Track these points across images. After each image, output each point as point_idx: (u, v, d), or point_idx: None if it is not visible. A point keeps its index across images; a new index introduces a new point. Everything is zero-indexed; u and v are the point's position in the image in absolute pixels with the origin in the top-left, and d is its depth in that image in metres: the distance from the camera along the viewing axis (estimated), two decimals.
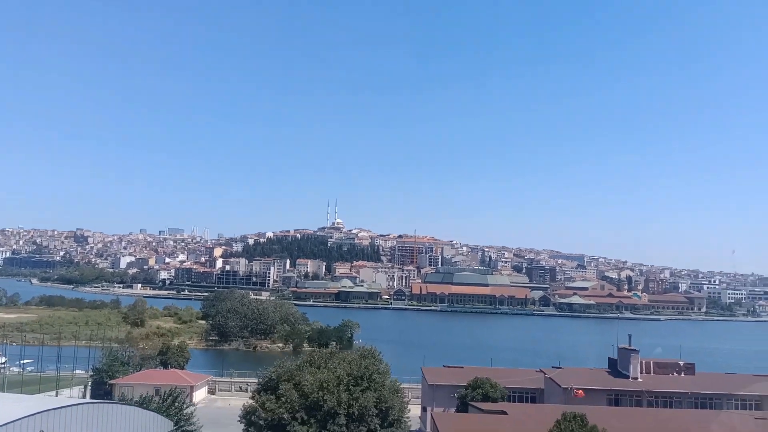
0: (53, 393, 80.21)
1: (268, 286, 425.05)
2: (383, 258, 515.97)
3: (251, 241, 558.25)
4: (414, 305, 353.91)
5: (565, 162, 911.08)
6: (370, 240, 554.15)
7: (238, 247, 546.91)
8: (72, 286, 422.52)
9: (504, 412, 44.39)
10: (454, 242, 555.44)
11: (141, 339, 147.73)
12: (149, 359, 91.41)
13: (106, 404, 34.85)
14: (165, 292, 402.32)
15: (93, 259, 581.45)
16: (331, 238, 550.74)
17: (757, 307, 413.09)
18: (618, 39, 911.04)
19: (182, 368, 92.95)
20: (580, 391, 58.88)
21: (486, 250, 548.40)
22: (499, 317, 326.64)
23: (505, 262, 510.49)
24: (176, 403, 55.60)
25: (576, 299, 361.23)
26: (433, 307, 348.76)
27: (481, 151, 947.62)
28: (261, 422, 32.54)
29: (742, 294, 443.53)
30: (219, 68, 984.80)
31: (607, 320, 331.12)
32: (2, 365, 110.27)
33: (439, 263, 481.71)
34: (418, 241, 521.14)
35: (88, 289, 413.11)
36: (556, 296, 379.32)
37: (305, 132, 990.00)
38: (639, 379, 62.66)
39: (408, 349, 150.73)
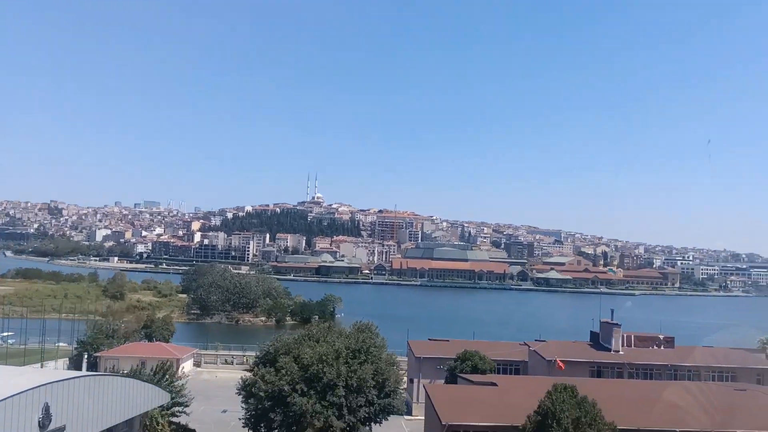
0: (38, 365, 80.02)
1: (248, 261, 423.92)
2: (363, 233, 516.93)
3: (230, 215, 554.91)
4: (394, 280, 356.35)
5: (542, 138, 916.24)
6: (350, 215, 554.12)
7: (216, 221, 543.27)
8: (47, 259, 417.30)
9: (494, 384, 45.44)
10: (434, 218, 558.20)
11: (123, 312, 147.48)
12: (134, 332, 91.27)
13: (107, 377, 35.03)
14: (143, 266, 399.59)
15: (68, 232, 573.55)
16: (311, 212, 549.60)
17: (728, 282, 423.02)
18: (595, 15, 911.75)
19: (167, 341, 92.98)
20: (563, 363, 60.47)
21: (466, 225, 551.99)
22: (479, 292, 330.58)
23: (484, 237, 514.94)
24: (167, 376, 55.99)
25: (553, 274, 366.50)
26: (413, 282, 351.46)
27: (462, 126, 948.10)
28: (261, 394, 33.02)
29: (714, 270, 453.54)
30: (193, 40, 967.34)
31: (584, 294, 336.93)
32: None
33: (419, 238, 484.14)
34: (399, 216, 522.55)
35: (64, 262, 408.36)
36: (534, 271, 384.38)
37: (284, 105, 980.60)
38: (621, 352, 64.35)
39: (391, 323, 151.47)
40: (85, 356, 73.89)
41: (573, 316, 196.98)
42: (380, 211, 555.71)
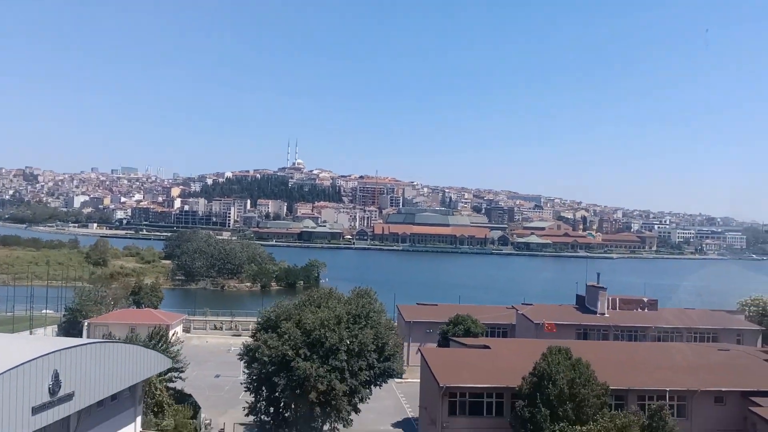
0: (27, 332, 79.92)
1: (229, 227, 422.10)
2: (345, 199, 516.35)
3: (210, 181, 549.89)
4: (376, 245, 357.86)
5: (521, 104, 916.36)
6: (331, 181, 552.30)
7: (196, 187, 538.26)
8: (25, 226, 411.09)
9: (487, 347, 46.54)
10: (415, 183, 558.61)
11: (108, 278, 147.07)
12: (122, 299, 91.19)
13: (114, 343, 35.33)
14: (123, 232, 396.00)
15: (44, 198, 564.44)
16: (291, 178, 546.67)
17: (704, 245, 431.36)
18: None
19: (155, 308, 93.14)
20: (551, 326, 61.95)
21: (447, 191, 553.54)
22: (460, 256, 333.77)
23: (465, 202, 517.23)
24: (162, 342, 56.40)
25: (533, 239, 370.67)
26: (395, 247, 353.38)
27: (443, 92, 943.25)
28: (265, 359, 33.57)
29: (690, 233, 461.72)
30: (170, 2, 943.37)
31: (564, 258, 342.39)
32: None
33: (401, 204, 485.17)
34: (380, 182, 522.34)
35: (42, 228, 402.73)
36: (515, 236, 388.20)
37: (262, 69, 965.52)
38: (606, 315, 66.03)
39: (375, 288, 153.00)
40: (86, 324, 73.84)
41: (554, 280, 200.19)
42: (361, 177, 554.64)
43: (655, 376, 41.08)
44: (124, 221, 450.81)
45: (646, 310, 69.49)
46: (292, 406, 34.15)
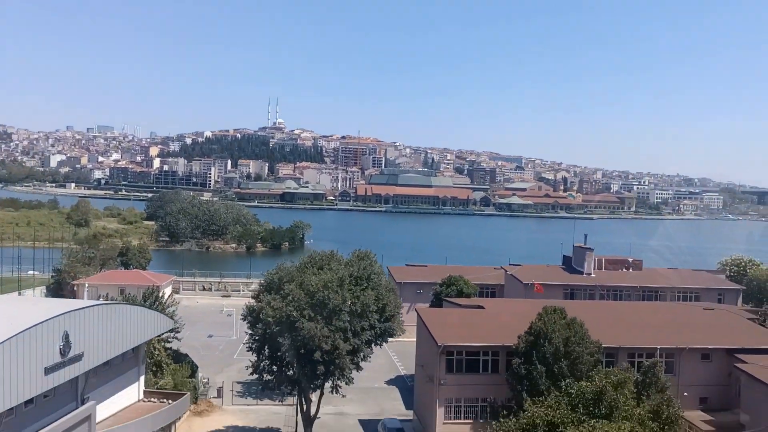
0: (15, 293, 79.67)
1: (209, 187, 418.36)
2: (327, 159, 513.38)
3: (189, 141, 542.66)
4: (359, 206, 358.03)
5: (501, 65, 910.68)
6: (312, 141, 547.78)
7: (175, 147, 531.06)
8: (0, 186, 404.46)
9: (481, 307, 47.58)
10: (398, 144, 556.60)
11: (93, 239, 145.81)
12: (110, 260, 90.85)
13: (119, 305, 35.62)
14: (102, 192, 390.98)
15: (19, 158, 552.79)
16: (272, 138, 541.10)
17: (681, 206, 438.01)
18: None
19: (144, 269, 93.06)
20: (540, 286, 63.25)
21: (429, 152, 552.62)
22: (443, 217, 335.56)
23: (447, 163, 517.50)
24: (158, 303, 56.73)
25: (515, 200, 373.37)
26: (378, 208, 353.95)
27: (423, 51, 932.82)
28: (269, 319, 34.12)
29: (668, 194, 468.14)
30: None
31: (545, 219, 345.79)
32: None
33: (383, 165, 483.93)
34: (362, 143, 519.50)
35: (18, 188, 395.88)
36: (496, 197, 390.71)
37: (241, 26, 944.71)
38: (592, 275, 67.53)
39: (374, 251, 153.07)
40: (86, 286, 73.67)
41: (537, 241, 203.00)
42: (343, 137, 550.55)
43: (645, 335, 42.51)
44: (103, 181, 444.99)
45: (631, 270, 71.17)
46: (296, 365, 34.87)
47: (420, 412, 44.60)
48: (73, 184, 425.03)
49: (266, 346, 35.93)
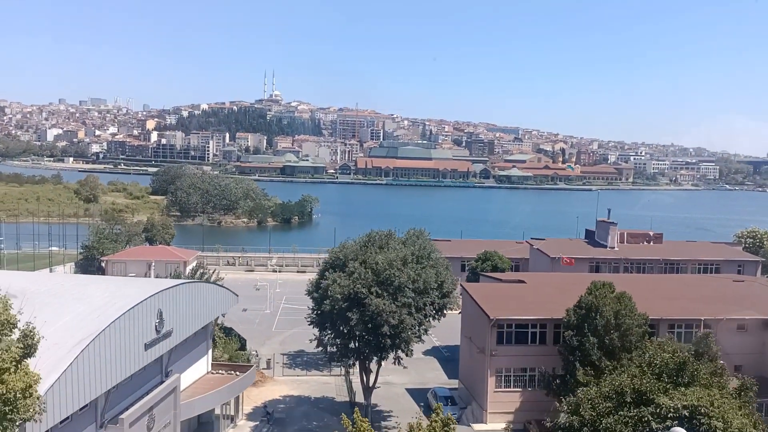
0: (47, 270, 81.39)
1: (208, 161, 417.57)
2: (324, 132, 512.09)
3: (185, 114, 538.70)
4: (360, 179, 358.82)
5: (497, 35, 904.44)
6: (310, 113, 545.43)
7: (171, 120, 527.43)
8: None
9: (522, 281, 49.54)
10: (395, 116, 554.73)
11: (103, 214, 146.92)
12: (135, 236, 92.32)
13: (198, 283, 37.37)
14: (101, 166, 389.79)
15: (13, 131, 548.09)
16: (269, 111, 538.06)
17: (678, 176, 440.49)
18: None
19: (168, 244, 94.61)
20: (570, 260, 65.34)
21: (427, 123, 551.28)
22: (443, 190, 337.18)
23: (446, 135, 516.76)
24: (204, 278, 58.60)
25: (515, 172, 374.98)
26: (378, 181, 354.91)
27: (418, 22, 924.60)
28: (337, 296, 35.94)
29: (665, 164, 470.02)
30: None
31: (545, 191, 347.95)
32: None
33: (381, 137, 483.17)
34: (360, 115, 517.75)
35: (16, 163, 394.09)
36: (496, 169, 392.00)
37: None
38: (616, 248, 69.65)
39: (372, 223, 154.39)
40: (153, 264, 75.51)
41: (544, 212, 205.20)
42: (340, 110, 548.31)
43: (683, 306, 44.68)
44: (101, 155, 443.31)
45: (651, 243, 73.35)
46: (365, 339, 36.85)
47: (467, 381, 46.85)
48: (71, 159, 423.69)
49: (335, 321, 37.71)
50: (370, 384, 41.26)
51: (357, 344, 38.47)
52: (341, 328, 37.67)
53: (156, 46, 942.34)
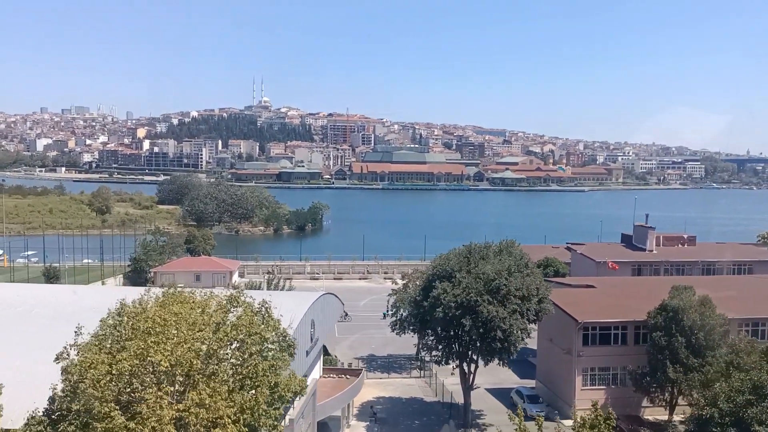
0: (99, 282, 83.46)
1: (202, 168, 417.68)
2: (315, 137, 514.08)
3: (175, 121, 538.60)
4: (356, 184, 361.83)
5: (479, 37, 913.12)
6: (300, 119, 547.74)
7: (162, 128, 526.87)
8: None
9: (592, 286, 53.01)
10: (385, 120, 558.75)
11: (120, 225, 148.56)
12: (177, 247, 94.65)
13: (329, 295, 40.23)
14: (96, 176, 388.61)
15: None
16: (260, 117, 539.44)
17: (666, 176, 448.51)
18: None
19: (208, 255, 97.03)
20: (615, 264, 68.96)
21: (416, 127, 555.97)
22: (439, 193, 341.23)
23: (436, 139, 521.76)
24: (278, 286, 61.48)
25: (508, 174, 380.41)
26: (375, 186, 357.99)
27: (402, 25, 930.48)
28: (451, 304, 39.14)
29: (652, 164, 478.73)
30: None
31: (538, 193, 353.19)
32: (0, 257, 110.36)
33: (372, 142, 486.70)
34: (350, 120, 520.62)
35: (9, 174, 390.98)
36: (489, 171, 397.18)
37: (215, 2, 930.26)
38: (654, 251, 73.38)
39: (381, 228, 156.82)
40: (200, 275, 77.90)
41: (549, 215, 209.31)
42: (330, 115, 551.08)
43: (748, 306, 48.38)
44: (93, 164, 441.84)
45: (686, 246, 77.20)
46: (475, 342, 40.04)
47: (549, 381, 50.23)
48: (63, 169, 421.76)
49: (445, 327, 40.89)
50: (471, 384, 44.45)
51: (462, 348, 41.68)
52: (451, 333, 40.85)
53: (139, 53, 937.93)
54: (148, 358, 18.44)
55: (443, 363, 43.65)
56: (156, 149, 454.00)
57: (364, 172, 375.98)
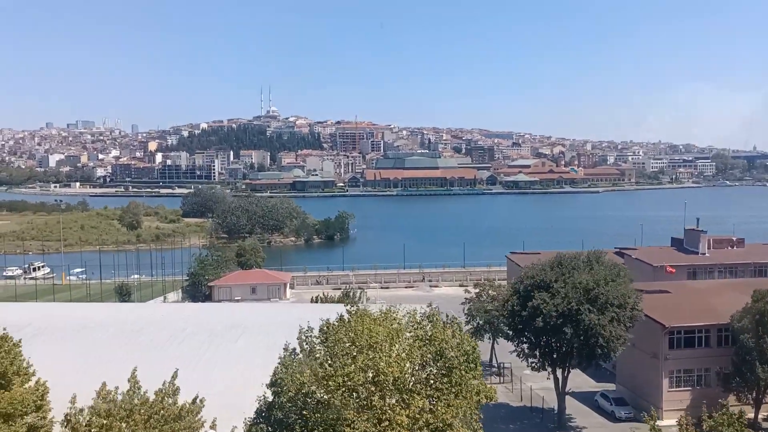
0: (161, 298, 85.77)
1: (214, 179, 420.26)
2: (324, 145, 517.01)
3: (185, 133, 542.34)
4: (370, 191, 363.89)
5: (482, 38, 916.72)
6: (308, 127, 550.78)
7: (172, 140, 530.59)
8: (5, 188, 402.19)
9: (667, 291, 54.94)
10: (393, 126, 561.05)
11: (155, 240, 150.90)
12: (229, 261, 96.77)
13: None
14: (111, 190, 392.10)
15: (6, 158, 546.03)
16: (269, 127, 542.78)
17: (678, 174, 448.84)
18: None
19: (260, 267, 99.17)
20: (672, 268, 70.82)
21: (424, 132, 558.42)
22: (454, 198, 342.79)
23: (445, 143, 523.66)
24: (352, 301, 63.47)
25: (521, 177, 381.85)
26: (389, 192, 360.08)
27: (401, 28, 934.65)
28: (552, 313, 41.20)
29: (663, 163, 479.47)
30: None
31: (552, 195, 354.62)
32: (48, 275, 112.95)
33: (381, 148, 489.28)
34: (359, 127, 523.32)
35: (24, 190, 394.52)
36: (502, 175, 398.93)
37: (222, 14, 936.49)
38: (707, 255, 75.21)
39: (404, 235, 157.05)
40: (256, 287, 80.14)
41: (576, 218, 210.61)
42: (338, 123, 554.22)
43: None
44: (107, 179, 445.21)
45: (735, 248, 79.02)
46: (576, 349, 42.12)
47: (631, 384, 52.11)
48: (77, 184, 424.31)
49: (546, 334, 42.97)
50: (564, 389, 46.47)
51: (560, 354, 43.74)
52: (551, 340, 42.90)
53: (144, 66, 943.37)
54: (379, 370, 20.64)
55: (540, 369, 45.66)
56: (169, 162, 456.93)
57: (377, 179, 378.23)
